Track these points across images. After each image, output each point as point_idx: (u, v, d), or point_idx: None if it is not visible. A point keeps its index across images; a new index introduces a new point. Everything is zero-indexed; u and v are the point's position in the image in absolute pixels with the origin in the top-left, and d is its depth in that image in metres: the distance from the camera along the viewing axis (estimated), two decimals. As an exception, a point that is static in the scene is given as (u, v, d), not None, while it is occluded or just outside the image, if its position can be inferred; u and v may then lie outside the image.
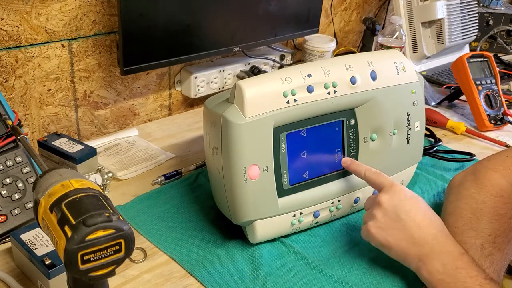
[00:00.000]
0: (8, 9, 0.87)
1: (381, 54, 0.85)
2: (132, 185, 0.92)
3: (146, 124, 1.18)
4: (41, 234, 0.69)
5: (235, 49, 1.17)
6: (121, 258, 0.47)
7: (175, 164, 1.00)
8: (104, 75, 1.05)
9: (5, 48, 0.90)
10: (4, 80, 0.92)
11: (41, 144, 0.90)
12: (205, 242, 0.79)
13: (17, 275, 0.70)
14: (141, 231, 0.80)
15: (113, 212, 0.47)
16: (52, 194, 0.49)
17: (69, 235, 0.45)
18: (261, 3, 1.16)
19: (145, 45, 0.99)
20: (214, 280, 0.72)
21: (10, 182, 0.78)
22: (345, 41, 1.67)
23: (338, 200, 0.82)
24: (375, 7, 1.70)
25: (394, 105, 0.83)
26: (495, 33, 1.74)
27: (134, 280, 0.71)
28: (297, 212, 0.78)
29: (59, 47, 0.96)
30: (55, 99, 1.00)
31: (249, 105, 0.69)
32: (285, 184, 0.76)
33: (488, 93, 1.24)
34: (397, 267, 0.76)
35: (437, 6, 1.46)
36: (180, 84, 1.21)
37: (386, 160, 0.85)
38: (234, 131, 0.69)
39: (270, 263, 0.75)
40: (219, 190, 0.76)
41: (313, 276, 0.73)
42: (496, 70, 1.27)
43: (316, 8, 1.32)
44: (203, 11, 1.06)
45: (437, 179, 0.99)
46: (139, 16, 0.95)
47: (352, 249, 0.80)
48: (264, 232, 0.76)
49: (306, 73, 0.74)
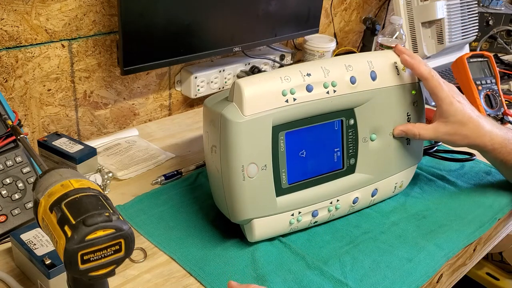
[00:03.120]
0: (8, 9, 0.87)
1: (381, 54, 0.85)
2: (132, 185, 0.92)
3: (146, 124, 1.18)
4: (41, 234, 0.70)
5: (235, 49, 1.17)
6: (121, 258, 0.47)
7: (175, 164, 1.00)
8: (104, 75, 1.06)
9: (5, 48, 0.90)
10: (4, 80, 0.92)
11: (41, 144, 0.90)
12: (205, 242, 0.79)
13: (17, 275, 0.70)
14: (141, 231, 0.80)
15: (113, 212, 0.47)
16: (52, 194, 0.49)
17: (69, 235, 0.45)
18: (261, 3, 1.16)
19: (145, 45, 0.99)
20: (214, 280, 0.72)
21: (10, 182, 0.78)
22: (345, 41, 1.67)
23: (337, 200, 0.82)
24: (375, 7, 1.70)
25: (393, 105, 0.83)
26: (495, 33, 1.74)
27: (134, 280, 0.71)
28: (295, 211, 0.78)
29: (59, 47, 0.96)
30: (55, 99, 1.00)
31: (248, 103, 0.69)
32: (283, 183, 0.76)
33: (488, 93, 1.24)
34: (397, 268, 0.76)
35: (437, 6, 1.46)
36: (180, 84, 1.22)
37: (385, 160, 0.85)
38: (232, 129, 0.69)
39: (269, 263, 0.75)
40: (218, 189, 0.76)
41: (313, 276, 0.73)
42: (496, 70, 1.27)
43: (316, 8, 1.32)
44: (203, 11, 1.06)
45: (437, 179, 0.99)
46: (139, 16, 0.95)
47: (352, 249, 0.80)
48: (262, 230, 0.76)
49: (306, 72, 0.74)
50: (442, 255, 0.80)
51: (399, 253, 0.79)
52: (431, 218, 0.88)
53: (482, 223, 0.88)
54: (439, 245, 0.82)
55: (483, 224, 0.88)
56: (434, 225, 0.86)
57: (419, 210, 0.90)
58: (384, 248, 0.80)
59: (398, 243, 0.82)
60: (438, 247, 0.81)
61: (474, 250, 0.89)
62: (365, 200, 0.86)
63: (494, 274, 1.77)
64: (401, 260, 0.78)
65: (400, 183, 0.91)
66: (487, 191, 0.97)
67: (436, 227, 0.86)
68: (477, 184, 0.99)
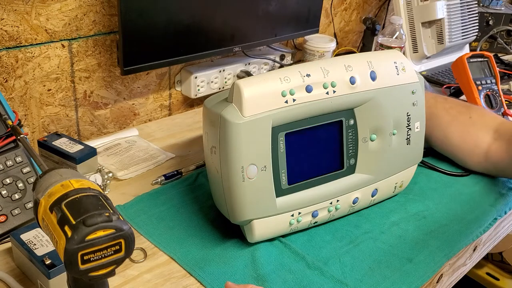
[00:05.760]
0: (8, 9, 0.87)
1: (381, 54, 0.85)
2: (132, 185, 0.92)
3: (146, 124, 1.18)
4: (41, 234, 0.70)
5: (235, 49, 1.17)
6: (121, 258, 0.47)
7: (175, 164, 1.00)
8: (104, 75, 1.06)
9: (5, 48, 0.90)
10: (4, 80, 0.92)
11: (41, 144, 0.90)
12: (205, 242, 0.79)
13: (17, 275, 0.70)
14: (141, 231, 0.80)
15: (113, 212, 0.47)
16: (52, 194, 0.49)
17: (69, 235, 0.45)
18: (261, 3, 1.16)
19: (145, 45, 0.99)
20: (214, 280, 0.72)
21: (10, 182, 0.78)
22: (345, 41, 1.67)
23: (337, 200, 0.82)
24: (375, 7, 1.70)
25: (393, 106, 0.83)
26: (495, 33, 1.74)
27: (134, 280, 0.71)
28: (295, 212, 0.78)
29: (59, 47, 0.96)
30: (55, 99, 1.00)
31: (248, 104, 0.69)
32: (283, 184, 0.76)
33: (488, 93, 1.24)
34: (397, 268, 0.76)
35: (437, 6, 1.46)
36: (180, 84, 1.22)
37: (385, 160, 0.85)
38: (232, 130, 0.69)
39: (269, 263, 0.75)
40: (218, 189, 0.76)
41: (313, 277, 0.73)
42: (496, 70, 1.27)
43: (316, 8, 1.32)
44: (203, 11, 1.06)
45: (437, 179, 0.99)
46: (139, 16, 0.95)
47: (353, 249, 0.80)
48: (262, 231, 0.76)
49: (305, 73, 0.74)
50: (442, 255, 0.80)
51: (399, 253, 0.79)
52: (431, 218, 0.88)
53: (482, 223, 0.88)
54: (439, 245, 0.82)
55: (483, 224, 0.88)
56: (434, 225, 0.86)
57: (419, 210, 0.90)
58: (384, 248, 0.80)
59: (398, 243, 0.82)
60: (438, 247, 0.81)
61: (474, 250, 0.89)
62: (365, 200, 0.86)
63: (494, 274, 1.77)
64: (401, 260, 0.78)
65: (400, 183, 0.91)
66: (487, 191, 0.97)
67: (436, 227, 0.86)
68: (477, 184, 0.99)
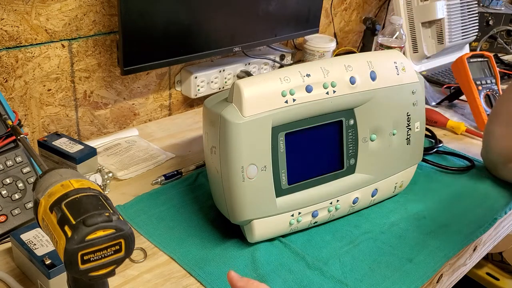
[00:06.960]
0: (8, 9, 0.87)
1: (381, 54, 0.85)
2: (132, 185, 0.92)
3: (146, 124, 1.18)
4: (41, 234, 0.70)
5: (235, 49, 1.17)
6: (121, 258, 0.47)
7: (175, 164, 1.00)
8: (104, 75, 1.06)
9: (5, 48, 0.90)
10: (4, 80, 0.92)
11: (41, 144, 0.90)
12: (205, 242, 0.79)
13: (17, 275, 0.70)
14: (141, 231, 0.80)
15: (113, 212, 0.47)
16: (52, 194, 0.49)
17: (69, 235, 0.45)
18: (261, 3, 1.16)
19: (145, 45, 0.99)
20: (214, 280, 0.72)
21: (10, 182, 0.78)
22: (345, 41, 1.67)
23: (337, 200, 0.82)
24: (375, 7, 1.70)
25: (393, 106, 0.83)
26: (495, 33, 1.74)
27: (134, 280, 0.71)
28: (295, 212, 0.78)
29: (59, 47, 0.96)
30: (55, 99, 1.00)
31: (248, 104, 0.69)
32: (283, 184, 0.76)
33: (488, 93, 1.24)
34: (397, 268, 0.76)
35: (437, 6, 1.46)
36: (180, 84, 1.22)
37: (385, 160, 0.85)
38: (232, 130, 0.69)
39: (269, 263, 0.75)
40: (218, 189, 0.76)
41: (313, 277, 0.73)
42: (496, 70, 1.27)
43: (316, 8, 1.32)
44: (203, 11, 1.06)
45: (437, 179, 0.99)
46: (139, 16, 0.95)
47: (353, 249, 0.80)
48: (262, 231, 0.76)
49: (305, 73, 0.74)
50: (442, 255, 0.80)
51: (399, 253, 0.79)
52: (431, 218, 0.88)
53: (482, 223, 0.88)
54: (439, 245, 0.82)
55: (483, 224, 0.88)
56: (434, 225, 0.86)
57: (419, 210, 0.90)
58: (384, 248, 0.80)
59: (398, 243, 0.82)
60: (438, 247, 0.81)
61: (474, 250, 0.89)
62: (365, 200, 0.86)
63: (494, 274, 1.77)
64: (401, 260, 0.78)
65: (400, 183, 0.91)
66: (487, 191, 0.97)
67: (436, 227, 0.86)
68: (477, 185, 0.99)
